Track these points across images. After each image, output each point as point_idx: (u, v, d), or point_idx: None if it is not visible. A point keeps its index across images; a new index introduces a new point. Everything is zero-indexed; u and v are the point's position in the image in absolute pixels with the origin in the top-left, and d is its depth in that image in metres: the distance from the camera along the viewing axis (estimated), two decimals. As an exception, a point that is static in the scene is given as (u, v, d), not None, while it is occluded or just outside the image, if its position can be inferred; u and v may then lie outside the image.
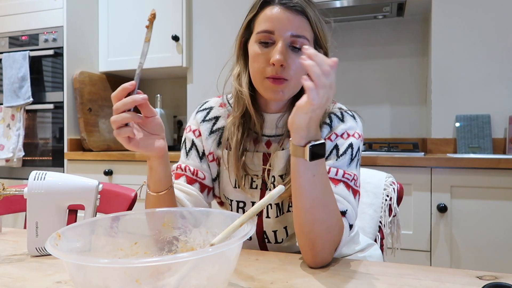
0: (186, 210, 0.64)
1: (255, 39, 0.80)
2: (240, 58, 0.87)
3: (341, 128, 0.83)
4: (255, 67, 0.79)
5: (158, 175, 0.73)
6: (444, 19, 2.03)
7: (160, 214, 0.63)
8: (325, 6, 2.10)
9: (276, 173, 0.84)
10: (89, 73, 2.45)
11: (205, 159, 0.89)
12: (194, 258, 0.42)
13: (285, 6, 0.77)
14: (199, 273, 0.44)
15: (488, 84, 1.97)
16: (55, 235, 0.50)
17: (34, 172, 0.74)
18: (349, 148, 0.80)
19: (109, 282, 0.42)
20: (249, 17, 0.83)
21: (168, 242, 0.62)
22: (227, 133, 0.87)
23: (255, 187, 0.87)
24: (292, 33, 0.76)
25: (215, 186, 0.92)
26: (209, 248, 0.43)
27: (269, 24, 0.77)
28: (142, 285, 0.42)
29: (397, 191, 1.07)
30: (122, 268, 0.41)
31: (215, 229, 0.59)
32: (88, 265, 0.41)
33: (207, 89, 2.42)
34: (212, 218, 0.60)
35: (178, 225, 0.62)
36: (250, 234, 0.47)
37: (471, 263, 1.62)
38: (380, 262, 0.69)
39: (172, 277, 0.42)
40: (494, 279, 0.59)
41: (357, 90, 2.40)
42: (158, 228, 0.62)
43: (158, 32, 2.44)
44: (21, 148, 2.34)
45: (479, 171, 1.61)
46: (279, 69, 0.76)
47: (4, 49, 2.45)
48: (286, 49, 0.76)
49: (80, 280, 0.43)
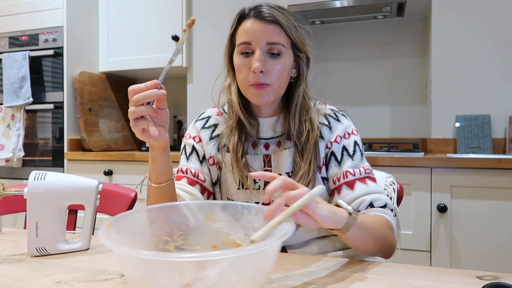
0: (228, 203, 0.66)
1: (237, 52, 0.87)
2: (229, 70, 0.93)
3: (340, 128, 0.90)
4: (240, 76, 0.86)
5: (160, 166, 0.76)
6: (444, 19, 2.03)
7: (203, 206, 0.67)
8: (325, 6, 2.10)
9: (282, 171, 0.88)
10: (89, 73, 2.45)
11: (206, 163, 0.93)
12: (234, 256, 0.44)
13: (259, 18, 0.84)
14: (239, 269, 0.45)
15: (488, 84, 1.97)
16: (106, 224, 0.52)
17: (34, 172, 0.74)
18: (356, 145, 0.89)
19: (155, 273, 0.44)
20: (230, 32, 0.90)
21: (210, 234, 0.65)
22: (224, 138, 0.91)
23: (258, 188, 0.89)
24: (267, 41, 0.83)
25: (216, 191, 0.95)
26: (249, 246, 0.45)
27: (246, 36, 0.84)
28: (185, 277, 0.44)
29: (397, 191, 1.07)
30: (167, 262, 0.44)
31: (255, 224, 0.61)
32: (136, 257, 0.44)
33: (207, 89, 2.41)
34: (253, 212, 0.63)
35: (220, 218, 0.65)
36: (290, 233, 0.49)
37: (471, 263, 1.62)
38: (380, 262, 0.70)
39: (212, 270, 0.44)
40: (494, 279, 0.59)
41: (357, 90, 2.40)
42: (201, 220, 0.65)
43: (158, 32, 2.44)
44: (21, 148, 2.34)
45: (479, 171, 1.61)
46: (260, 75, 0.82)
47: (4, 49, 2.45)
48: (264, 57, 0.83)
49: (129, 270, 0.46)
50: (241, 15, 0.87)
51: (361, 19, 2.35)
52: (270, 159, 0.90)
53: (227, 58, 0.92)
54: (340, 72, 2.43)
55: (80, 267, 0.67)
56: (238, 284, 0.46)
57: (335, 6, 2.12)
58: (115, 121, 2.61)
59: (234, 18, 0.89)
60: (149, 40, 2.46)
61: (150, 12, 2.45)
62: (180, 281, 0.44)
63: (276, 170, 0.89)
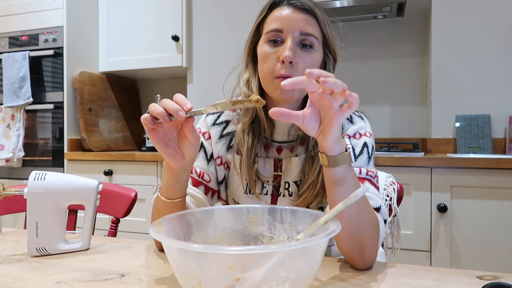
0: (272, 207, 0.66)
1: (264, 40, 0.80)
2: (249, 63, 0.87)
3: (352, 129, 0.83)
4: (264, 67, 0.79)
5: (165, 181, 0.70)
6: (444, 19, 2.03)
7: (246, 210, 0.67)
8: (325, 6, 2.10)
9: (290, 179, 0.85)
10: (89, 73, 2.45)
11: (213, 162, 0.89)
12: (283, 250, 0.45)
13: (294, 6, 0.78)
14: (287, 265, 0.46)
15: (488, 84, 1.97)
16: (157, 223, 0.54)
17: (34, 172, 0.74)
18: (365, 147, 0.81)
19: (205, 268, 0.45)
20: (258, 20, 0.84)
21: (253, 237, 0.65)
22: (237, 140, 0.87)
23: (265, 193, 0.86)
24: (301, 32, 0.77)
25: (221, 189, 0.91)
26: (297, 241, 0.45)
27: (278, 23, 0.78)
28: (235, 271, 0.44)
29: (397, 191, 1.07)
30: (218, 255, 0.45)
31: (299, 227, 0.61)
32: (188, 249, 0.45)
33: (207, 89, 2.42)
34: (297, 215, 0.63)
35: (263, 221, 0.65)
36: (337, 232, 0.48)
37: (471, 263, 1.62)
38: (380, 262, 0.70)
39: (261, 268, 0.45)
40: (494, 279, 0.59)
41: (357, 90, 2.36)
42: (244, 223, 0.66)
43: (158, 32, 2.44)
44: (21, 148, 2.34)
45: (479, 171, 1.61)
46: (289, 66, 0.76)
47: (4, 49, 2.45)
48: (295, 47, 0.77)
49: (179, 265, 0.47)
50: (273, 2, 0.81)
51: (361, 19, 2.35)
52: (282, 164, 0.85)
53: (248, 50, 0.86)
54: (340, 72, 2.40)
55: (80, 267, 0.67)
56: (286, 280, 0.46)
57: (335, 6, 2.12)
58: (115, 121, 2.61)
59: (264, 5, 0.82)
60: (149, 40, 2.46)
61: (150, 12, 2.45)
62: (230, 275, 0.44)
63: (285, 176, 0.85)
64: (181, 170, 0.68)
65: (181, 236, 0.60)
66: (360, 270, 0.66)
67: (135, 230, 2.17)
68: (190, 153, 0.66)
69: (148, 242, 0.83)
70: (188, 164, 0.68)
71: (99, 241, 0.84)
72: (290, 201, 0.84)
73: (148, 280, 0.60)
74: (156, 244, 0.79)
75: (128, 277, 0.61)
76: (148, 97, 2.88)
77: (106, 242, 0.84)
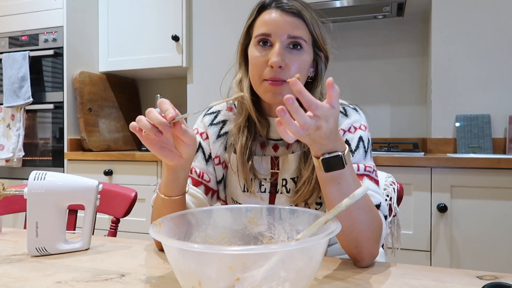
0: (271, 207, 0.67)
1: (253, 43, 0.82)
2: (241, 64, 0.88)
3: (346, 123, 0.83)
4: (253, 70, 0.81)
5: (164, 179, 0.71)
6: (444, 19, 2.03)
7: (245, 210, 0.68)
8: (325, 6, 2.10)
9: (287, 176, 0.85)
10: (89, 73, 2.45)
11: (211, 162, 0.90)
12: (283, 250, 0.45)
13: (281, 9, 0.79)
14: (287, 265, 0.46)
15: (488, 84, 1.97)
16: (157, 223, 0.55)
17: (34, 172, 0.74)
18: (360, 141, 0.81)
19: (205, 267, 0.46)
20: (248, 23, 0.85)
21: (253, 237, 0.66)
22: (232, 138, 0.88)
23: (263, 191, 0.87)
24: (289, 35, 0.78)
25: (220, 189, 0.92)
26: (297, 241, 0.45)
27: (266, 27, 0.79)
28: (235, 271, 0.44)
29: (397, 191, 1.06)
30: (218, 255, 0.45)
31: (299, 226, 0.62)
32: (188, 249, 0.45)
33: (207, 89, 2.42)
34: (296, 215, 0.63)
35: (263, 221, 0.66)
36: (337, 231, 0.49)
37: (471, 263, 1.62)
38: (380, 262, 0.70)
39: (261, 268, 0.45)
40: (494, 279, 0.59)
41: (357, 90, 2.40)
42: (244, 223, 0.66)
43: (158, 32, 2.44)
44: (21, 148, 2.34)
45: (479, 171, 1.61)
46: (277, 70, 0.76)
47: (4, 49, 2.45)
48: (283, 51, 0.77)
49: (179, 265, 0.47)
50: (262, 6, 0.82)
51: (361, 19, 2.35)
52: (278, 161, 0.86)
53: (240, 51, 0.87)
54: (340, 72, 2.42)
55: (80, 267, 0.67)
56: (286, 280, 0.46)
57: (335, 6, 2.12)
58: (115, 121, 2.61)
59: (253, 8, 0.84)
60: (149, 40, 2.46)
61: (150, 12, 2.45)
62: (230, 275, 0.45)
63: (283, 173, 0.85)
64: (179, 168, 0.69)
65: (181, 236, 0.60)
66: (362, 267, 0.66)
67: (135, 230, 2.17)
68: (187, 153, 0.67)
69: (148, 242, 0.83)
70: (186, 163, 0.69)
71: (99, 241, 0.84)
72: (288, 198, 0.85)
73: (148, 280, 0.60)
74: (156, 244, 0.79)
75: (128, 277, 0.61)
76: (148, 97, 2.89)
77: (106, 242, 0.84)
